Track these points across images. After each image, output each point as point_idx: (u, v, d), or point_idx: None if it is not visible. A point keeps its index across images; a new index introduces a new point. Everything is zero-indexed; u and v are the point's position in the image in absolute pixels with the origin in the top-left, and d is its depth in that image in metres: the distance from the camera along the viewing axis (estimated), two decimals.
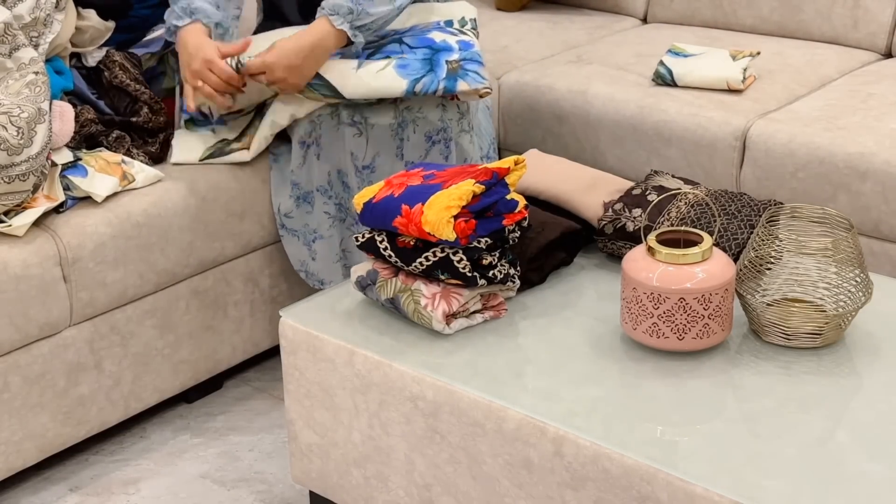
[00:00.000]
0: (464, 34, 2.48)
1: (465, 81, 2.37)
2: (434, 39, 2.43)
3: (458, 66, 2.38)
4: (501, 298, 1.94)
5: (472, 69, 2.39)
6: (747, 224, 1.99)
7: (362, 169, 2.44)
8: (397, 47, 2.42)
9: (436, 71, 2.37)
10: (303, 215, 2.50)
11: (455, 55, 2.40)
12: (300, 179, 2.47)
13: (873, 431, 1.61)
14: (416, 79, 2.35)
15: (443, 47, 2.42)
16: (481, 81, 2.38)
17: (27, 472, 2.35)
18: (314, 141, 2.44)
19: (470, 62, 2.40)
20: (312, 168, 2.46)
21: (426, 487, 1.86)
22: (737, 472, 1.55)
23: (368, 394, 1.88)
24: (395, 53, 2.41)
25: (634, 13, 3.38)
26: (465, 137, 2.47)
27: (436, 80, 2.35)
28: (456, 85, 2.37)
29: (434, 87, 2.35)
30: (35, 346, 2.22)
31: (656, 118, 2.69)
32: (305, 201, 2.49)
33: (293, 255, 2.54)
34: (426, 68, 2.37)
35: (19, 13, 2.32)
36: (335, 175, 2.46)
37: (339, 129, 2.42)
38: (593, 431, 1.64)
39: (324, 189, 2.47)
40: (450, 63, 2.38)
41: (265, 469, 2.37)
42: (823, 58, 2.90)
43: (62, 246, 2.22)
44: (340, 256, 2.52)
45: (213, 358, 2.53)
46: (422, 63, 2.38)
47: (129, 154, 2.41)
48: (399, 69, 2.36)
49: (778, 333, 1.79)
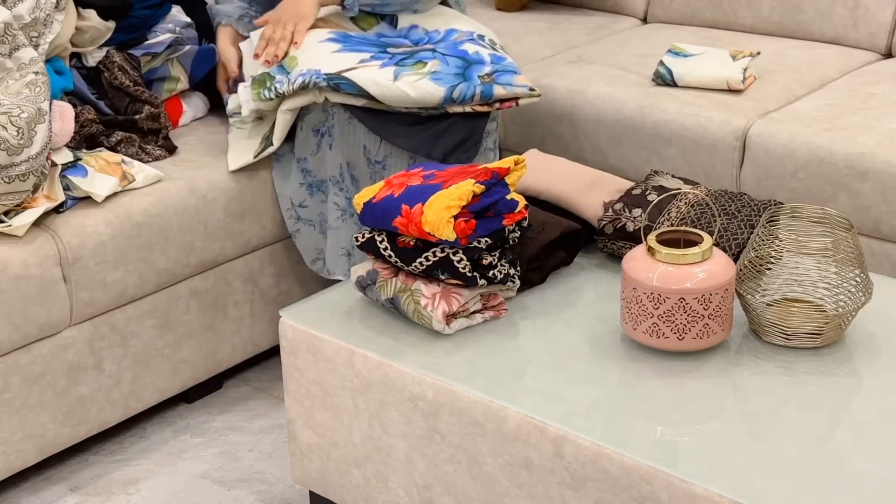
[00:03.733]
0: (494, 49, 2.50)
1: (501, 86, 2.39)
2: (467, 51, 2.45)
3: (490, 79, 2.40)
4: (501, 298, 1.94)
5: (505, 81, 2.41)
6: (747, 224, 1.99)
7: (374, 163, 2.44)
8: (430, 55, 2.43)
9: (469, 81, 2.38)
10: (318, 204, 2.51)
11: (487, 68, 2.42)
12: (312, 168, 2.48)
13: (873, 431, 1.61)
14: (453, 86, 2.36)
15: (476, 60, 2.43)
16: (521, 87, 2.41)
17: (27, 472, 2.35)
18: (327, 131, 2.45)
19: (502, 73, 2.42)
20: (325, 157, 2.46)
21: (426, 487, 1.86)
22: (737, 472, 1.55)
23: (368, 394, 1.88)
24: (428, 58, 2.42)
25: (634, 13, 3.38)
26: (489, 155, 2.49)
27: (472, 87, 2.37)
28: (493, 90, 2.38)
29: (472, 93, 2.36)
30: (35, 346, 2.22)
31: (656, 118, 2.69)
32: (319, 190, 2.50)
33: (307, 247, 2.54)
34: (459, 80, 2.38)
35: (19, 13, 2.32)
36: (346, 168, 2.46)
37: (351, 122, 2.42)
38: (593, 431, 1.64)
39: (336, 180, 2.47)
40: (482, 77, 2.40)
41: (265, 469, 2.37)
42: (823, 58, 2.90)
43: (62, 246, 2.22)
44: (348, 251, 2.52)
45: (213, 358, 2.53)
46: (454, 76, 2.40)
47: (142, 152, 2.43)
48: (435, 80, 2.37)
49: (778, 333, 1.79)
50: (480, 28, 2.59)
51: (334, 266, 2.53)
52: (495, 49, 2.51)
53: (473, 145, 2.42)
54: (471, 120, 2.42)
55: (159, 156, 2.48)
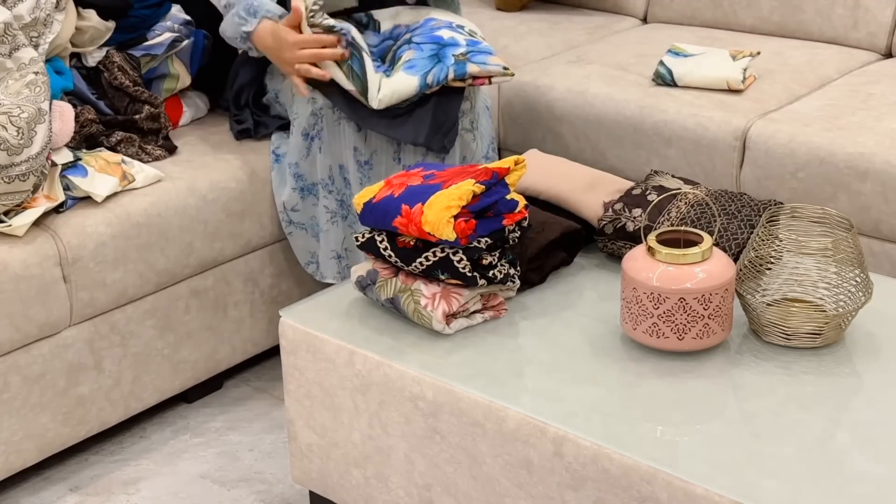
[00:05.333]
0: (472, 35, 2.49)
1: (475, 64, 2.39)
2: (442, 37, 2.45)
3: (464, 56, 2.40)
4: (501, 298, 1.94)
5: (479, 60, 2.40)
6: (747, 224, 1.99)
7: (363, 164, 2.44)
8: (405, 47, 2.44)
9: (443, 62, 2.38)
10: (309, 208, 2.51)
11: (462, 49, 2.41)
12: (304, 171, 2.48)
13: (873, 431, 1.61)
14: (426, 72, 2.37)
15: (450, 43, 2.43)
16: (494, 65, 2.40)
17: (27, 472, 2.35)
18: (317, 134, 2.45)
19: (477, 54, 2.41)
20: (316, 161, 2.47)
21: (426, 487, 1.86)
22: (737, 472, 1.55)
23: (368, 394, 1.88)
24: (403, 52, 2.43)
25: (634, 13, 3.38)
26: (467, 136, 2.47)
27: (445, 68, 2.37)
28: (466, 68, 2.38)
29: (444, 73, 2.37)
30: (35, 346, 2.22)
31: (656, 118, 2.69)
32: (310, 193, 2.50)
33: (301, 250, 2.54)
34: (433, 63, 2.38)
35: (19, 13, 2.32)
36: (336, 170, 2.46)
37: (339, 123, 2.42)
38: (593, 431, 1.64)
39: (325, 183, 2.47)
40: (456, 56, 2.40)
41: (265, 469, 2.37)
42: (823, 58, 2.90)
43: (62, 246, 2.22)
44: (338, 254, 2.52)
45: (213, 358, 2.53)
46: (428, 59, 2.39)
47: (142, 152, 2.43)
48: (407, 70, 2.37)
49: (778, 333, 1.79)
50: (463, 21, 2.58)
51: (326, 269, 2.53)
52: (473, 36, 2.51)
53: (451, 127, 2.42)
54: (444, 102, 2.42)
55: (159, 156, 2.48)
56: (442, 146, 2.39)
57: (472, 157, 2.50)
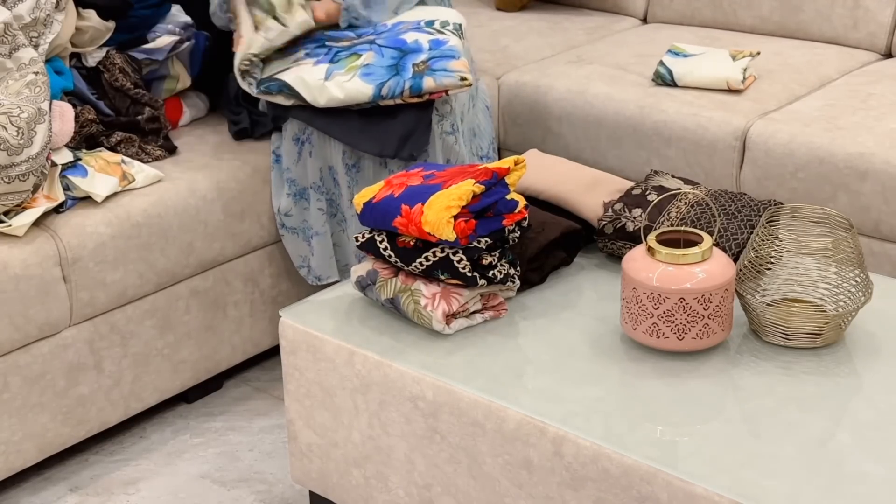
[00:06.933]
0: (441, 33, 2.49)
1: (432, 79, 2.39)
2: (406, 41, 2.46)
3: (425, 66, 2.40)
4: (501, 298, 1.94)
5: (440, 67, 2.39)
6: (747, 224, 1.99)
7: (351, 167, 2.45)
8: (367, 47, 2.45)
9: (401, 74, 2.39)
10: (301, 212, 2.51)
11: (423, 56, 2.42)
12: (296, 176, 2.49)
13: (873, 431, 1.61)
14: (382, 83, 2.37)
15: (412, 49, 2.44)
16: (450, 76, 2.39)
17: (27, 472, 2.35)
18: (307, 138, 2.45)
19: (439, 59, 2.41)
20: (307, 164, 2.47)
21: (426, 487, 1.86)
22: (737, 472, 1.55)
23: (368, 394, 1.88)
24: (364, 50, 2.44)
25: (634, 13, 3.38)
26: (449, 139, 2.48)
27: (401, 82, 2.38)
28: (422, 83, 2.38)
29: (400, 88, 2.37)
30: (35, 346, 2.22)
31: (656, 118, 2.69)
32: (302, 198, 2.50)
33: (294, 253, 2.55)
34: (391, 73, 2.39)
35: (19, 13, 2.32)
36: (327, 172, 2.47)
37: None
38: (593, 431, 1.64)
39: (317, 186, 2.48)
40: (416, 65, 2.40)
41: (265, 469, 2.37)
42: (823, 58, 2.90)
43: (62, 246, 2.22)
44: (334, 252, 2.53)
45: (213, 358, 2.53)
46: (387, 69, 2.40)
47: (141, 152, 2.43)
48: (364, 77, 2.39)
49: (778, 333, 1.79)
50: (447, 14, 2.58)
51: (323, 270, 2.53)
52: (441, 31, 2.50)
53: (423, 134, 2.43)
54: (416, 111, 2.43)
55: (159, 156, 2.48)
56: (410, 155, 2.41)
57: (456, 158, 2.50)
